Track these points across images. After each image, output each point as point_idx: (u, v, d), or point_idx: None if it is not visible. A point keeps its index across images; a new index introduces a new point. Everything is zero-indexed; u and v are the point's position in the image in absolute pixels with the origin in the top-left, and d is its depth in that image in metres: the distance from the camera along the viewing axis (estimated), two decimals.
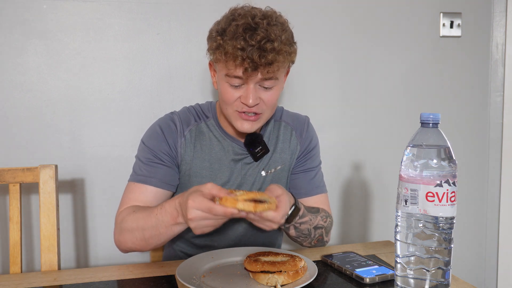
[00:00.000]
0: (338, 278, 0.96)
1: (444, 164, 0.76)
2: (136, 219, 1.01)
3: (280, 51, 0.99)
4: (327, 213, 1.18)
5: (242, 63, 0.98)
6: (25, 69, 1.44)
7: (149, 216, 0.98)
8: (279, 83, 1.08)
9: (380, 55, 1.72)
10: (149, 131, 1.17)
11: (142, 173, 1.11)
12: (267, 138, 1.20)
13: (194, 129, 1.16)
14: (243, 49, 0.97)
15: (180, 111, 1.20)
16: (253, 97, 1.03)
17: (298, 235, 1.10)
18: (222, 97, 1.08)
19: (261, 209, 0.87)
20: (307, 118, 1.28)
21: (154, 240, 0.99)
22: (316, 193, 1.23)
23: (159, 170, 1.11)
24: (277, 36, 0.99)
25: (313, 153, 1.25)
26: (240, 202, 0.86)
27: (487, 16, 1.80)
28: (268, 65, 0.99)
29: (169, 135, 1.13)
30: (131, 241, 1.03)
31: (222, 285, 0.88)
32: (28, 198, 1.48)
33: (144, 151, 1.14)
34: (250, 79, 1.02)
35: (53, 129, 1.47)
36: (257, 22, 1.00)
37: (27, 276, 1.02)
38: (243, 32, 0.98)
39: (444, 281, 0.77)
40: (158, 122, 1.17)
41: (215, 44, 1.03)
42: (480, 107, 1.84)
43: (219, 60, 1.04)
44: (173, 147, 1.13)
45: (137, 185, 1.10)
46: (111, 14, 1.48)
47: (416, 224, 0.78)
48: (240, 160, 1.17)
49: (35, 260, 1.50)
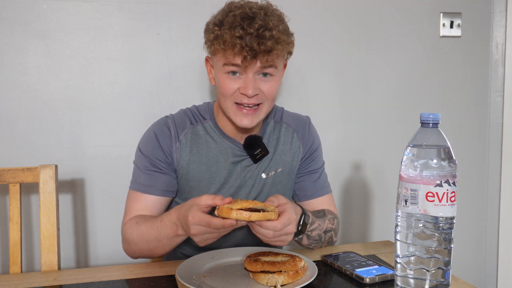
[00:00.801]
0: (338, 278, 0.96)
1: (444, 164, 0.76)
2: (139, 232, 1.04)
3: (278, 39, 1.00)
4: (333, 214, 1.17)
5: (241, 51, 0.98)
6: (25, 69, 1.44)
7: (151, 229, 1.01)
8: (277, 73, 1.07)
9: (380, 55, 1.72)
10: (144, 137, 1.16)
11: (141, 182, 1.12)
12: (267, 140, 1.19)
13: (190, 133, 1.15)
14: (241, 37, 0.98)
15: (175, 115, 1.18)
16: (252, 87, 1.03)
17: (310, 243, 1.09)
18: (220, 90, 1.07)
19: (255, 218, 0.86)
20: (308, 118, 1.27)
21: (159, 250, 1.04)
22: (322, 194, 1.22)
23: (157, 178, 1.12)
24: (274, 25, 1.00)
25: (316, 154, 1.25)
26: (234, 211, 0.85)
27: (487, 16, 1.80)
28: (267, 52, 0.99)
29: (164, 140, 1.13)
30: (139, 251, 1.08)
31: (222, 285, 0.88)
32: (28, 198, 1.48)
33: (141, 159, 1.14)
34: (249, 68, 1.02)
35: (53, 129, 1.47)
36: (255, 12, 1.01)
37: (27, 276, 1.02)
38: (241, 21, 0.99)
39: (444, 281, 0.77)
40: (152, 127, 1.16)
41: (212, 35, 1.02)
42: (480, 107, 1.84)
43: (217, 51, 1.03)
44: (168, 153, 1.13)
45: (137, 194, 1.12)
46: (111, 14, 1.48)
47: (416, 224, 0.78)
48: (239, 162, 1.16)
49: (35, 260, 1.50)
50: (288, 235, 0.94)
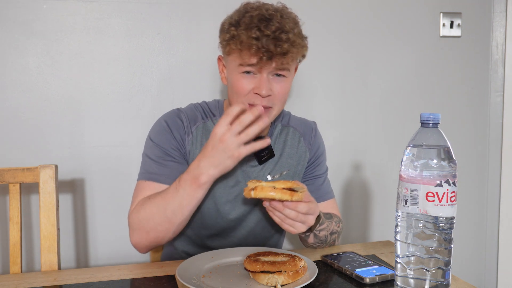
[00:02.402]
0: (338, 278, 0.95)
1: (444, 164, 0.76)
2: (154, 203, 1.02)
3: (294, 42, 1.00)
4: (339, 218, 1.18)
5: (257, 52, 0.99)
6: (25, 69, 1.44)
7: (167, 193, 1.01)
8: (290, 75, 1.08)
9: (380, 55, 1.72)
10: (156, 127, 1.14)
11: (153, 171, 1.09)
12: (274, 143, 1.19)
13: (201, 127, 1.14)
14: (258, 39, 0.98)
15: (186, 108, 1.18)
16: (266, 87, 1.03)
17: (315, 242, 1.10)
18: (234, 90, 1.07)
19: (296, 198, 0.90)
20: (314, 124, 1.28)
21: (178, 216, 1.01)
22: (325, 199, 1.23)
23: (170, 167, 1.09)
24: (290, 28, 1.01)
25: (321, 160, 1.26)
26: (278, 191, 0.89)
27: (487, 16, 1.80)
28: (283, 55, 1.00)
29: (176, 130, 1.12)
30: (153, 228, 1.03)
31: (222, 285, 0.88)
32: (28, 198, 1.48)
33: (152, 148, 1.11)
34: (264, 68, 1.02)
35: (53, 129, 1.47)
36: (271, 14, 1.01)
37: (27, 276, 1.02)
38: (258, 22, 0.99)
39: (444, 281, 0.77)
40: (163, 117, 1.15)
41: (228, 35, 1.02)
42: (480, 107, 1.84)
43: (232, 51, 1.03)
44: (181, 143, 1.12)
45: (148, 183, 1.08)
46: (111, 14, 1.48)
47: (416, 224, 0.78)
48: (245, 162, 1.16)
49: (35, 260, 1.50)
50: (304, 224, 0.96)
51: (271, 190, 0.89)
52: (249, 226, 1.18)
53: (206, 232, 1.18)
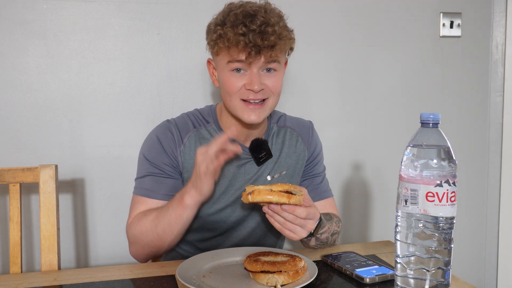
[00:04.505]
0: (338, 278, 0.95)
1: (444, 164, 0.76)
2: (148, 220, 1.05)
3: (280, 34, 1.02)
4: (338, 218, 1.18)
5: (245, 48, 1.00)
6: (25, 69, 1.44)
7: (161, 212, 1.03)
8: (280, 69, 1.09)
9: (380, 55, 1.72)
10: (147, 143, 1.15)
11: (146, 187, 1.11)
12: (271, 144, 1.20)
13: (194, 135, 1.14)
14: (244, 34, 0.99)
15: (176, 118, 1.18)
16: (257, 82, 1.04)
17: (316, 244, 1.10)
18: (226, 89, 1.07)
19: (294, 202, 0.90)
20: (311, 123, 1.28)
21: (167, 235, 1.03)
22: (324, 198, 1.23)
23: (163, 183, 1.11)
24: (276, 22, 1.02)
25: (319, 159, 1.26)
26: (275, 194, 0.89)
27: (487, 16, 1.80)
28: (271, 48, 1.01)
29: (167, 144, 1.12)
30: (147, 244, 1.07)
31: (222, 285, 0.88)
32: (28, 198, 1.48)
33: (145, 165, 1.13)
34: (253, 64, 1.03)
35: (53, 129, 1.47)
36: (255, 10, 1.03)
37: (27, 276, 1.02)
38: (243, 19, 1.00)
39: (444, 281, 0.77)
40: (154, 131, 1.16)
41: (215, 35, 1.03)
42: (480, 107, 1.84)
43: (221, 50, 1.04)
44: (173, 157, 1.12)
45: (142, 199, 1.11)
46: (111, 14, 1.48)
47: (416, 224, 0.78)
48: (243, 165, 1.16)
49: (35, 260, 1.50)
50: (304, 228, 0.97)
51: (268, 194, 0.89)
52: (249, 227, 1.19)
53: (206, 234, 1.18)
